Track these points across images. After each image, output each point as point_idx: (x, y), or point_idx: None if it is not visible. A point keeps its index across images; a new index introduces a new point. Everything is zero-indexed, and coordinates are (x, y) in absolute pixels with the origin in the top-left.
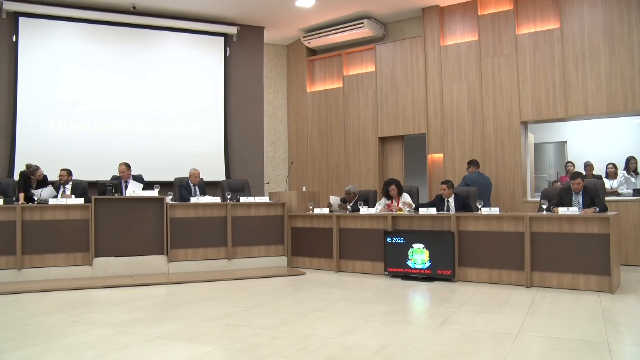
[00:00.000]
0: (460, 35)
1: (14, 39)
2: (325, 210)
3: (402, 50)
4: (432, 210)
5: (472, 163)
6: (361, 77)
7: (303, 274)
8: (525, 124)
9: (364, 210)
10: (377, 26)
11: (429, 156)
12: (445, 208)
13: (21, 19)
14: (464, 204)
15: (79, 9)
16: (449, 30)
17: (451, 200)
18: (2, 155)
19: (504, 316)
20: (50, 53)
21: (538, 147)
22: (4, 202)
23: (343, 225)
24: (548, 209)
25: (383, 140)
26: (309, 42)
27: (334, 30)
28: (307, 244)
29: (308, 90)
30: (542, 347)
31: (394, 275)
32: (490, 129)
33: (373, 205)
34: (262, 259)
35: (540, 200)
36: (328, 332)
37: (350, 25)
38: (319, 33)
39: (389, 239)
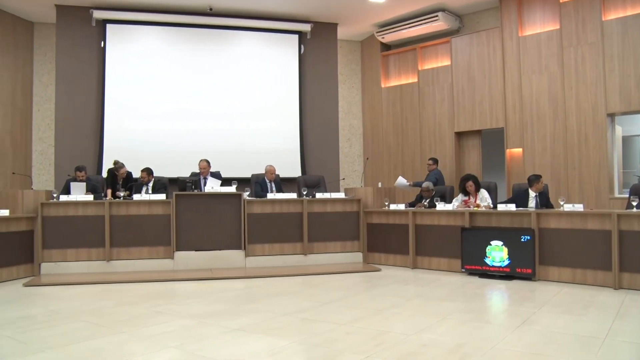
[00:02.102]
0: (540, 25)
1: (102, 45)
2: (402, 207)
3: (479, 42)
4: (511, 207)
5: (435, 161)
6: (436, 71)
7: (378, 270)
8: (612, 115)
9: (440, 206)
10: (452, 19)
11: (508, 151)
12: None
13: (108, 26)
14: (547, 202)
15: (160, 13)
16: (528, 19)
17: (532, 196)
18: (91, 153)
19: (589, 319)
20: (134, 56)
21: (627, 140)
22: (94, 198)
23: (419, 222)
24: (639, 206)
25: (459, 135)
26: (382, 37)
27: (408, 24)
28: (382, 240)
29: (383, 86)
30: (634, 355)
31: (471, 272)
32: (572, 122)
33: (450, 202)
34: (337, 254)
35: (630, 197)
36: (403, 329)
37: (425, 19)
38: (393, 28)
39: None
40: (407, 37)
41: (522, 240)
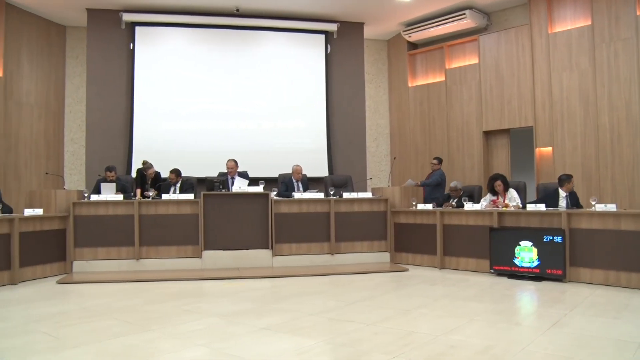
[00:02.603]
0: (570, 21)
1: (131, 47)
2: (429, 206)
3: (507, 40)
4: (541, 207)
5: (440, 160)
6: (464, 70)
7: (406, 270)
8: None
9: (468, 206)
10: (479, 16)
11: (537, 150)
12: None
13: (137, 28)
14: (577, 202)
15: (187, 15)
16: (558, 16)
17: (563, 196)
18: (121, 154)
19: (623, 322)
20: (162, 58)
21: None
22: (124, 198)
23: (447, 222)
24: None
25: (488, 134)
26: (409, 36)
27: (435, 22)
28: (410, 240)
29: (410, 85)
30: None
31: (500, 273)
32: (605, 120)
33: (478, 201)
34: (364, 254)
35: None
36: (431, 330)
37: (452, 17)
38: (420, 26)
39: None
40: (434, 35)
41: (552, 240)
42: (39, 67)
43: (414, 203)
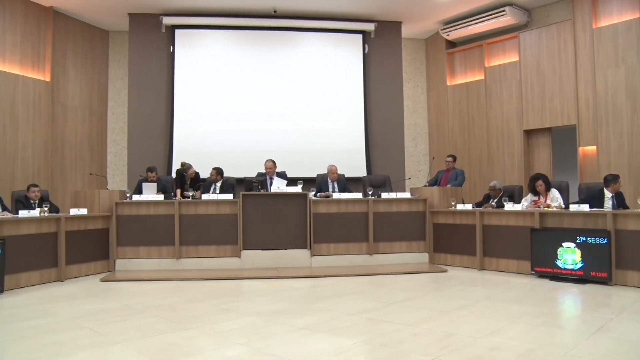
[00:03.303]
0: (617, 15)
1: (171, 50)
2: (469, 206)
3: (549, 36)
4: (585, 207)
5: (455, 158)
6: (504, 68)
7: (445, 271)
8: None
9: (509, 206)
10: (520, 13)
11: (580, 149)
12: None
13: (177, 31)
14: (623, 203)
15: (226, 17)
16: (603, 10)
17: (608, 196)
18: (162, 155)
19: None
20: (201, 60)
21: None
22: (165, 198)
23: (487, 222)
24: None
25: (528, 133)
26: (447, 35)
27: (474, 20)
28: (449, 240)
29: (448, 84)
30: None
31: (542, 275)
32: None
33: (518, 202)
34: (403, 254)
35: None
36: (471, 331)
37: (491, 14)
38: (458, 24)
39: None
40: (472, 33)
41: (597, 242)
42: (83, 71)
43: (453, 203)
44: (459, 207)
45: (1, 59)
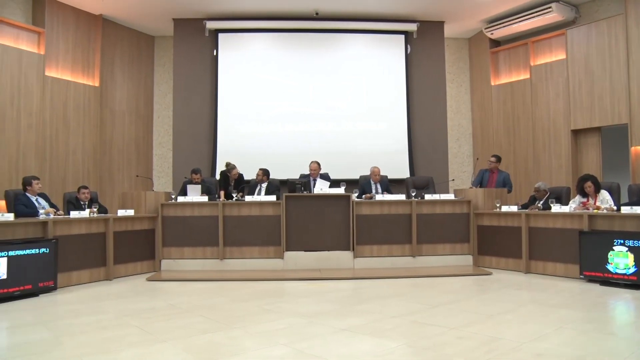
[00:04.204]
0: None
1: (215, 53)
2: (514, 208)
3: (598, 32)
4: (638, 209)
5: (499, 159)
6: (550, 66)
7: (489, 273)
8: None
9: (556, 208)
10: (567, 9)
11: (633, 149)
12: None
13: (220, 35)
14: None
15: (268, 20)
16: None
17: None
18: (206, 156)
19: None
20: (244, 63)
21: None
22: (209, 199)
23: (533, 224)
24: None
25: (576, 132)
26: (491, 33)
27: (519, 18)
28: (493, 242)
29: (492, 84)
30: None
31: (591, 279)
32: None
33: (566, 204)
34: (446, 257)
35: None
36: (517, 336)
37: (537, 11)
38: (503, 23)
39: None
40: (517, 31)
41: None
42: (130, 76)
43: (497, 205)
44: (504, 208)
45: (55, 66)
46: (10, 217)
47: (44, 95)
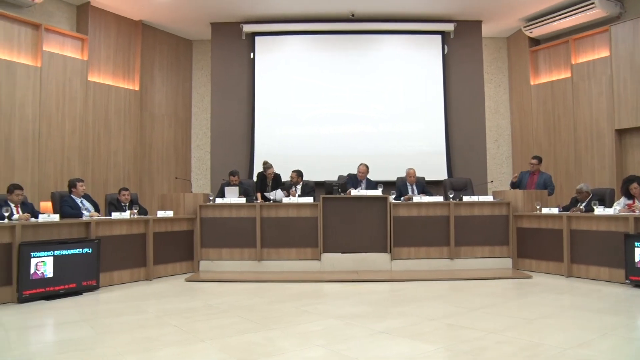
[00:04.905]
0: None
1: (252, 56)
2: (555, 210)
3: None
4: None
5: (540, 160)
6: (593, 64)
7: (529, 277)
8: None
9: (599, 210)
10: (611, 4)
11: None
12: None
13: (257, 38)
14: None
15: (304, 23)
16: None
17: None
18: (244, 159)
19: None
20: (281, 65)
21: None
22: (247, 201)
23: (575, 227)
24: None
25: (621, 132)
26: (531, 32)
27: (560, 15)
28: (534, 245)
29: (532, 83)
30: None
31: (638, 284)
32: None
33: (610, 206)
34: (485, 259)
35: None
36: (558, 342)
37: (578, 8)
38: (542, 21)
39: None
40: (558, 29)
41: None
42: (169, 80)
43: (538, 207)
44: (544, 210)
45: (97, 71)
46: (56, 218)
47: (87, 100)
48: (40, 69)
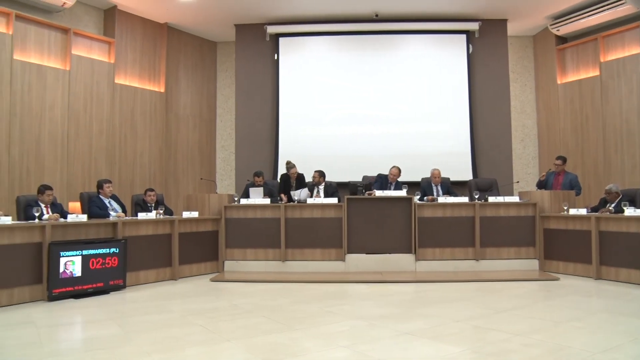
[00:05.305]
0: None
1: (276, 57)
2: (583, 211)
3: None
4: None
5: (564, 160)
6: (622, 62)
7: (556, 279)
8: None
9: (629, 211)
10: None
11: None
12: None
13: (281, 39)
14: None
15: (328, 24)
16: None
17: None
18: (268, 159)
19: None
20: (304, 66)
21: None
22: (271, 202)
23: (604, 228)
24: None
25: None
26: (557, 30)
27: (588, 12)
28: (561, 246)
29: (559, 82)
30: None
31: None
32: None
33: None
34: (511, 261)
35: None
36: (586, 346)
37: (608, 4)
38: (570, 18)
39: None
40: (586, 26)
41: None
42: (194, 82)
43: (565, 208)
44: (572, 211)
45: (123, 73)
46: (84, 218)
47: (114, 102)
48: (69, 72)
